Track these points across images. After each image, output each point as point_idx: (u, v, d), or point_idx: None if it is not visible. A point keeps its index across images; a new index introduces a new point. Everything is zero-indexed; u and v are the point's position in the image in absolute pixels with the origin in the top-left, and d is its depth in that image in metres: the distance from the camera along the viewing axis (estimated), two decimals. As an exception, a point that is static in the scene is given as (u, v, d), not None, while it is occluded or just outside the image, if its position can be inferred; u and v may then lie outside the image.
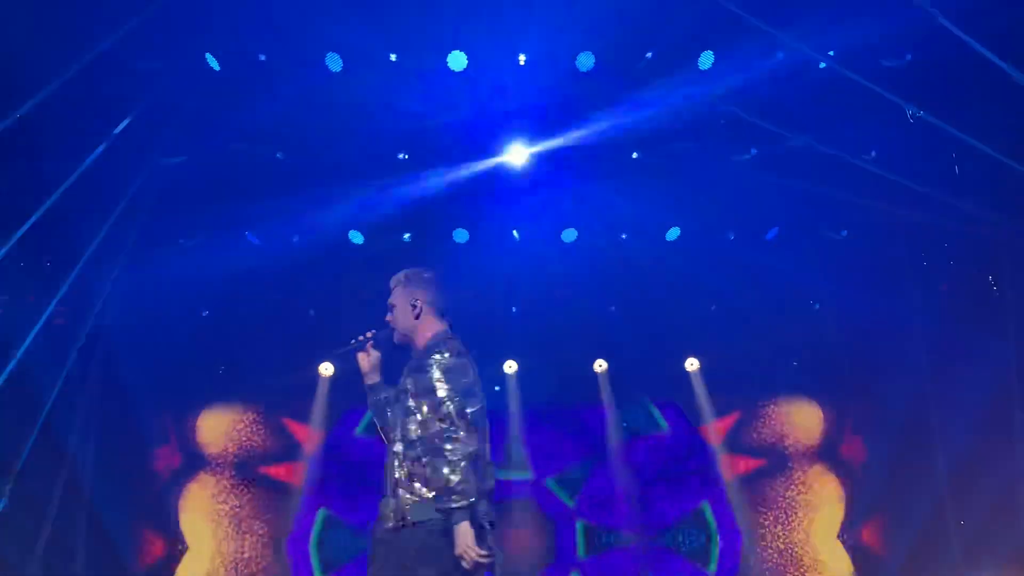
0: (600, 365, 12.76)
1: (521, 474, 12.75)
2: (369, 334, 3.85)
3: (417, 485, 3.52)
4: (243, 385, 12.45)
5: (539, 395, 12.75)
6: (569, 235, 11.45)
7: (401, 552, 3.40)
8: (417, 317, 3.63)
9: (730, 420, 12.85)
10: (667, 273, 11.66)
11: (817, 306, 12.34)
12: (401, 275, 3.76)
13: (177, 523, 12.15)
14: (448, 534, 3.37)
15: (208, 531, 12.28)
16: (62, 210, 9.06)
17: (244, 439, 12.55)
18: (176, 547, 12.02)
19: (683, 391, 12.76)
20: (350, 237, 11.44)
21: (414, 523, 3.45)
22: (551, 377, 12.52)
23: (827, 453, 12.76)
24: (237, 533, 12.33)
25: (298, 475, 12.53)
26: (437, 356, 3.54)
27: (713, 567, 12.51)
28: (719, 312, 12.24)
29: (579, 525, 12.64)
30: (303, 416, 12.60)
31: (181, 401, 12.39)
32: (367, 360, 3.80)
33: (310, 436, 12.54)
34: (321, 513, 12.50)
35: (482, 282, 11.93)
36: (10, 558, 10.10)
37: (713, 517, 12.62)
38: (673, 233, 11.42)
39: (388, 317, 3.70)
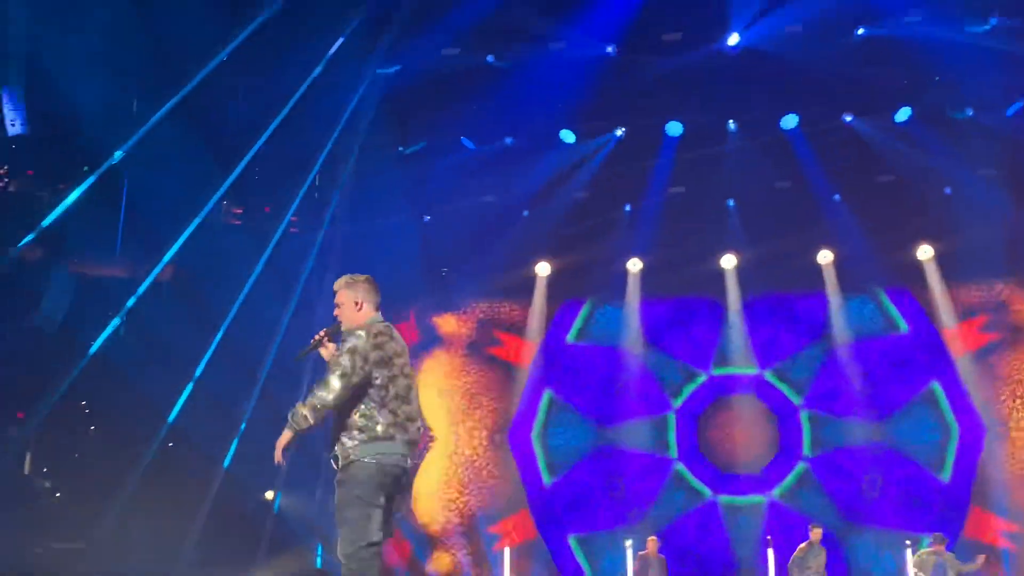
0: (825, 256, 12.27)
1: (743, 369, 12.59)
2: (322, 333, 4.18)
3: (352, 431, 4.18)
4: (466, 283, 12.77)
5: (760, 288, 12.45)
6: (789, 121, 10.99)
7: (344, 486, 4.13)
8: (359, 311, 4.28)
9: (977, 322, 12.14)
10: (896, 156, 11.02)
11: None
12: (342, 280, 4.36)
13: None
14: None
15: (442, 405, 12.92)
16: (291, 125, 9.53)
17: (471, 327, 13.07)
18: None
19: (914, 280, 12.14)
20: (561, 136, 11.45)
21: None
22: (772, 270, 12.13)
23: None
24: (468, 408, 12.92)
25: (524, 359, 12.89)
26: (352, 337, 4.17)
27: (947, 475, 11.97)
28: (955, 196, 11.48)
29: (804, 418, 12.38)
30: (523, 310, 12.97)
31: (412, 296, 12.91)
32: (327, 352, 4.13)
33: (530, 329, 12.93)
34: (547, 395, 12.86)
35: (696, 175, 11.70)
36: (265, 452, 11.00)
37: (946, 399, 12.02)
38: (903, 113, 10.75)
39: (336, 312, 4.34)
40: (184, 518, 10.41)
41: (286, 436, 4.09)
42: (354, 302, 4.30)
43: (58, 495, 10.67)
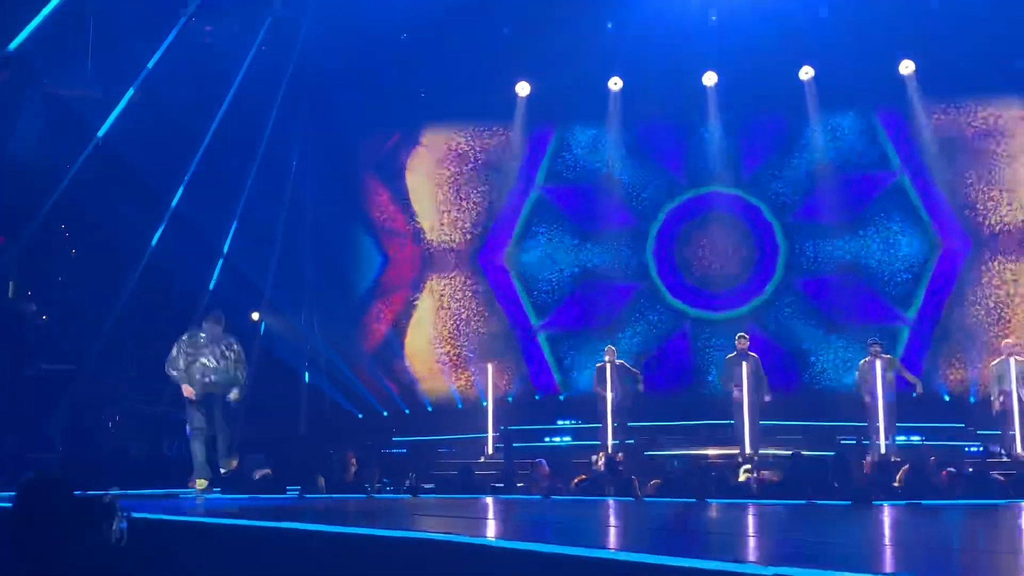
0: (807, 72, 12.09)
1: (722, 187, 12.60)
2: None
3: None
4: (448, 102, 12.60)
5: (741, 106, 12.31)
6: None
7: None
8: None
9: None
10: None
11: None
12: None
13: (404, 180, 13.05)
14: None
15: (430, 192, 13.08)
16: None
17: (460, 141, 13.11)
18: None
19: (896, 95, 12.03)
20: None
21: None
22: (752, 87, 11.97)
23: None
24: (456, 199, 13.06)
25: (512, 162, 13.00)
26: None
27: (913, 313, 12.18)
28: (941, 9, 11.23)
29: (777, 229, 12.47)
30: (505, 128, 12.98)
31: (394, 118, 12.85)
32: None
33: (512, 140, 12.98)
34: (534, 194, 13.01)
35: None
36: (249, 274, 11.12)
37: (916, 193, 12.19)
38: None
39: None
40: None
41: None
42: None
43: (44, 317, 10.79)
